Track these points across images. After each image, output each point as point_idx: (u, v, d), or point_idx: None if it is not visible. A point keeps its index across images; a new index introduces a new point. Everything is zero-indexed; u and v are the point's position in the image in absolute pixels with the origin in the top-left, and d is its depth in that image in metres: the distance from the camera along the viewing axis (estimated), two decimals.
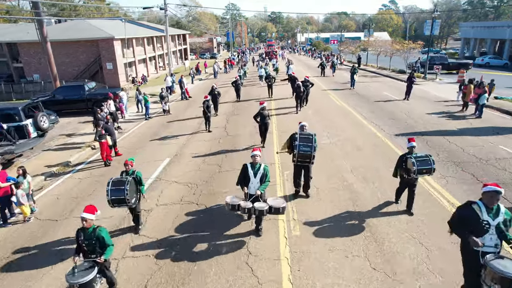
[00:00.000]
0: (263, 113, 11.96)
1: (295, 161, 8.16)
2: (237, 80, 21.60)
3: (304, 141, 8.01)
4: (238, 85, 21.61)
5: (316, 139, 8.17)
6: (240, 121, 16.67)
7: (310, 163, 8.08)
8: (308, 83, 17.89)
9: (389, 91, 23.33)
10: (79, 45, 33.06)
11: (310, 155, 7.95)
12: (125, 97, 20.35)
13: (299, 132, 8.34)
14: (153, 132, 15.96)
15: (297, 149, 7.96)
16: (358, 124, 14.99)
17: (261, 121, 12.11)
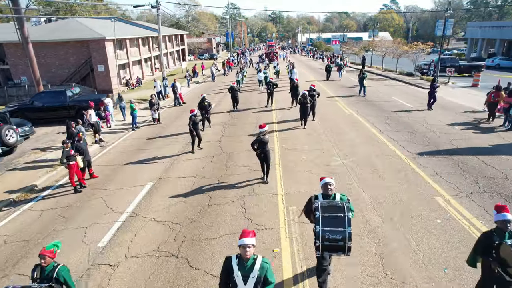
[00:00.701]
0: (263, 139, 9.21)
1: (319, 251, 4.54)
2: (234, 86, 19.22)
3: (330, 222, 4.45)
4: (235, 92, 19.08)
5: (351, 208, 5.03)
6: (236, 134, 14.61)
7: (345, 254, 4.53)
8: (314, 92, 15.49)
9: (399, 97, 21.26)
10: (69, 46, 31.02)
11: (344, 246, 4.43)
12: (111, 104, 18.33)
13: (321, 201, 4.87)
14: (138, 147, 13.91)
15: (319, 236, 4.43)
16: (372, 139, 12.92)
17: (260, 149, 9.25)
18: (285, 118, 16.63)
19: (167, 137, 15.00)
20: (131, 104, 16.79)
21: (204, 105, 15.03)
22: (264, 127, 9.35)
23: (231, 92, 19.06)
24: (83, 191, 10.05)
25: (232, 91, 19.02)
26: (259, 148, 9.24)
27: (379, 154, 11.28)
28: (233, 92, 19.05)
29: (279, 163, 10.85)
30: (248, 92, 25.39)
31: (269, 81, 19.85)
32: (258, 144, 9.19)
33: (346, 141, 12.80)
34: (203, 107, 15.02)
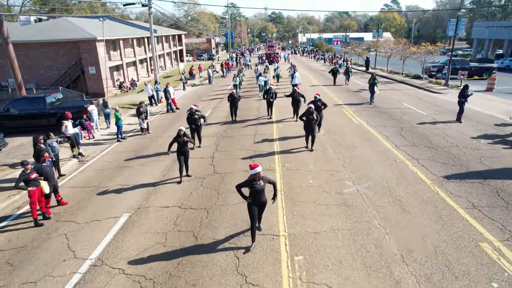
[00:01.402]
0: (256, 187, 6.31)
1: None
2: (234, 93, 16.54)
3: None
4: (235, 101, 16.40)
5: None
6: (232, 148, 12.79)
7: None
8: (319, 103, 13.13)
9: (410, 102, 19.43)
10: (59, 46, 29.20)
11: None
12: (95, 112, 16.52)
13: None
14: (120, 163, 12.12)
15: None
16: (388, 157, 11.11)
17: (252, 197, 6.40)
18: (288, 132, 14.28)
19: (154, 151, 13.19)
20: (116, 113, 14.98)
21: (194, 119, 12.56)
22: (256, 168, 6.25)
23: (230, 100, 16.47)
24: (45, 224, 8.28)
25: (232, 100, 16.41)
26: (251, 195, 6.42)
27: (399, 177, 9.48)
28: (233, 100, 16.42)
29: (281, 189, 9.05)
30: (246, 99, 22.80)
31: (269, 89, 16.82)
32: (250, 190, 6.40)
33: (358, 158, 10.99)
34: (193, 122, 12.63)
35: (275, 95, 16.92)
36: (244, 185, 6.45)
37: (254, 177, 6.27)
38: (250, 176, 6.35)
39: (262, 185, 6.35)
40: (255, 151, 12.16)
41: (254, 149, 12.37)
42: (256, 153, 12.04)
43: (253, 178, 6.30)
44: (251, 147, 12.66)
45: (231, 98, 16.41)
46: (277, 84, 27.67)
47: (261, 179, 6.35)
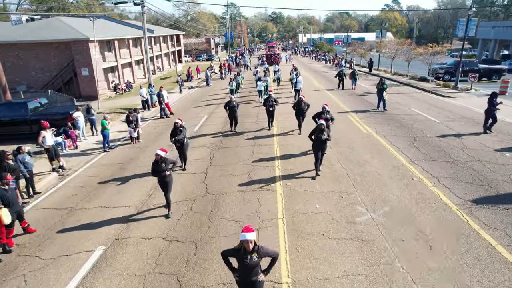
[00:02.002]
0: (246, 263, 4.26)
1: None
2: (232, 101, 14.48)
3: None
4: (233, 110, 14.43)
5: None
6: (228, 162, 11.45)
7: None
8: (328, 115, 11.07)
9: (419, 108, 18.09)
10: (50, 47, 27.90)
11: None
12: (81, 119, 15.21)
13: None
14: (103, 178, 10.80)
15: None
16: (403, 173, 9.78)
17: (240, 274, 4.44)
18: (291, 147, 12.35)
19: (142, 164, 11.87)
20: (103, 121, 13.63)
21: (178, 135, 10.50)
22: (247, 235, 4.14)
23: (227, 109, 14.52)
24: (4, 259, 6.97)
25: (230, 109, 14.46)
26: (239, 273, 4.45)
27: (419, 201, 8.15)
28: (231, 110, 14.48)
29: (283, 217, 7.73)
30: (244, 105, 20.70)
31: (269, 96, 14.48)
32: (238, 267, 4.43)
33: (370, 176, 9.66)
34: (178, 141, 10.55)
35: (276, 103, 14.66)
36: (231, 253, 4.40)
37: (245, 246, 4.18)
38: (240, 243, 4.27)
39: (255, 260, 4.24)
40: (253, 167, 10.84)
41: (252, 164, 11.05)
42: (254, 168, 10.72)
43: (243, 247, 4.22)
44: (249, 161, 11.33)
45: (229, 107, 14.38)
46: (277, 88, 25.94)
47: (255, 251, 4.22)
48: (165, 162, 8.02)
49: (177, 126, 10.56)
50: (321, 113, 11.11)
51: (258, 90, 21.71)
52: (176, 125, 10.59)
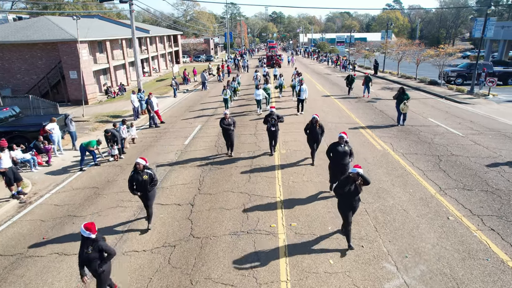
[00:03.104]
0: None
1: None
2: (226, 118, 11.41)
3: None
4: (227, 131, 11.37)
5: None
6: (220, 189, 9.51)
7: None
8: (347, 147, 8.10)
9: (436, 117, 16.15)
10: (36, 48, 25.99)
11: None
12: (56, 131, 13.27)
13: None
14: (70, 208, 8.88)
15: None
16: (436, 211, 7.84)
17: None
18: (299, 186, 9.12)
19: (119, 188, 9.95)
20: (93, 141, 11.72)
21: (140, 179, 7.24)
22: None
23: (222, 128, 11.45)
24: None
25: (224, 130, 11.45)
26: None
27: (465, 255, 6.20)
28: (225, 131, 11.40)
29: (287, 279, 5.80)
30: (241, 117, 17.57)
31: (270, 113, 11.24)
32: None
33: (394, 213, 7.72)
34: (140, 184, 7.30)
35: (280, 120, 11.36)
36: None
37: None
38: None
39: None
40: (250, 196, 8.91)
41: (249, 192, 9.13)
42: (251, 198, 8.80)
43: None
44: (246, 187, 9.41)
45: (223, 127, 11.43)
46: (279, 96, 22.65)
47: None
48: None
49: (139, 168, 7.20)
50: (338, 145, 8.03)
51: (256, 100, 18.14)
52: (137, 167, 7.20)
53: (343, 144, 8.04)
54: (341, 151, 7.98)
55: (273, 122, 11.15)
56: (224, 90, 18.58)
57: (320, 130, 10.17)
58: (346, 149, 8.01)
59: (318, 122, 10.13)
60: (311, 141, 10.42)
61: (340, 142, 8.05)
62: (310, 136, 10.30)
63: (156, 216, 8.20)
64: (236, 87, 22.30)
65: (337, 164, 8.08)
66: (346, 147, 8.05)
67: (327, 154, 8.30)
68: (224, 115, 11.59)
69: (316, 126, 10.10)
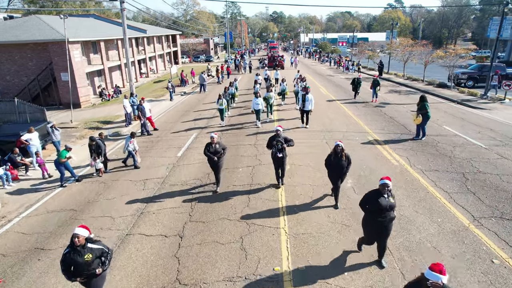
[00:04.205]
0: None
1: None
2: (213, 143, 8.86)
3: None
4: (213, 160, 8.85)
5: None
6: (215, 217, 8.15)
7: None
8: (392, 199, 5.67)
9: (452, 124, 14.76)
10: (26, 48, 24.63)
11: None
12: (35, 142, 11.92)
13: None
14: (39, 239, 7.53)
15: None
16: (474, 250, 6.46)
17: None
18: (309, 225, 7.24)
19: (102, 210, 8.59)
20: (63, 152, 10.31)
21: (80, 257, 4.62)
22: None
23: (208, 156, 8.91)
24: None
25: (209, 159, 8.92)
26: None
27: None
28: (211, 160, 8.88)
29: None
30: (236, 130, 15.04)
31: (276, 135, 8.86)
32: None
33: (422, 250, 6.32)
34: (77, 265, 4.64)
35: (289, 144, 8.93)
36: None
37: None
38: None
39: None
40: (249, 225, 7.55)
41: (247, 220, 7.76)
42: (250, 227, 7.44)
43: None
44: (243, 213, 8.05)
45: (207, 155, 8.91)
46: (282, 104, 20.21)
47: None
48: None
49: (77, 243, 4.59)
50: (379, 195, 5.55)
51: (255, 110, 15.59)
52: (75, 242, 4.58)
53: (387, 193, 5.54)
54: (385, 205, 5.43)
55: (279, 146, 8.68)
56: (220, 99, 15.76)
57: (347, 162, 7.71)
58: (392, 202, 5.54)
59: (344, 152, 7.68)
60: (334, 176, 7.87)
61: (382, 191, 5.51)
62: (334, 170, 7.80)
63: (138, 251, 6.86)
64: (234, 93, 19.81)
65: (378, 224, 5.57)
66: (391, 198, 5.57)
67: (362, 206, 5.78)
68: (211, 138, 8.91)
69: (341, 157, 7.63)
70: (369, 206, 5.63)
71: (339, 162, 7.62)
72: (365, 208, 5.75)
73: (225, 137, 14.19)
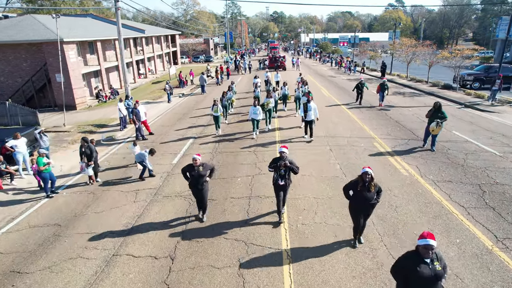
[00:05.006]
0: None
1: None
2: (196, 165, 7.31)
3: None
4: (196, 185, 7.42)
5: None
6: (208, 243, 7.44)
7: None
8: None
9: (462, 130, 14.01)
10: (21, 49, 23.94)
11: None
12: (21, 149, 11.21)
13: None
14: (15, 259, 6.80)
15: None
16: (502, 279, 5.76)
17: None
18: None
19: (88, 226, 7.86)
20: (39, 159, 9.58)
21: None
22: None
23: (186, 178, 7.54)
24: None
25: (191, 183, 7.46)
26: None
27: None
28: (193, 185, 7.46)
29: None
30: (230, 143, 13.35)
31: (280, 158, 7.13)
32: None
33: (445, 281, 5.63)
34: None
35: (294, 170, 7.11)
36: None
37: None
38: None
39: None
40: (248, 245, 6.82)
41: (246, 240, 7.03)
42: (248, 248, 6.71)
43: None
44: (242, 231, 7.32)
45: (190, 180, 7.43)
46: (284, 109, 18.48)
47: None
48: None
49: None
50: (420, 261, 3.95)
51: (252, 120, 13.64)
52: None
53: (430, 257, 3.91)
54: (428, 275, 3.84)
55: (282, 171, 7.05)
56: (215, 106, 13.96)
57: (375, 193, 5.95)
58: (438, 270, 3.88)
59: (372, 180, 5.85)
60: (358, 212, 6.12)
61: (424, 254, 3.89)
62: (358, 204, 6.03)
63: (125, 276, 6.15)
64: (232, 98, 17.77)
65: None
66: (438, 264, 3.92)
67: (395, 275, 4.20)
68: (194, 160, 7.27)
69: (370, 187, 5.85)
70: (408, 276, 3.95)
71: (366, 195, 5.88)
72: (399, 277, 4.12)
73: (219, 148, 13.32)
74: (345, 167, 10.41)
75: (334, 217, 7.64)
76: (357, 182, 5.94)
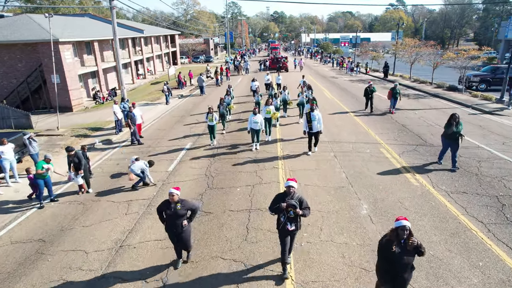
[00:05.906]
0: None
1: None
2: (171, 203, 5.68)
3: None
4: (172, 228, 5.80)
5: None
6: (208, 255, 6.79)
7: None
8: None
9: (472, 134, 13.28)
10: (16, 49, 23.33)
11: None
12: (8, 156, 10.56)
13: None
14: (4, 273, 6.19)
15: None
16: None
17: None
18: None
19: (73, 243, 7.22)
20: (40, 162, 8.95)
21: None
22: None
23: (162, 219, 5.99)
24: None
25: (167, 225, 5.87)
26: None
27: None
28: (169, 228, 5.86)
29: None
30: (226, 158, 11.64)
31: (286, 194, 5.51)
32: None
33: None
34: None
35: (304, 212, 5.50)
36: None
37: None
38: None
39: None
40: (247, 267, 6.17)
41: (245, 261, 6.38)
42: (248, 271, 6.06)
43: None
44: (240, 250, 6.66)
45: (162, 218, 5.97)
46: (285, 116, 16.86)
47: None
48: None
49: None
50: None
51: (252, 130, 11.99)
52: None
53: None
54: None
55: (291, 214, 5.40)
56: (209, 114, 12.43)
57: (413, 255, 4.28)
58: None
59: (411, 237, 4.19)
60: (390, 275, 4.35)
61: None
62: (392, 265, 4.27)
63: None
64: (230, 103, 16.35)
65: None
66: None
67: None
68: (170, 195, 5.69)
69: (406, 246, 4.20)
70: None
71: (402, 255, 4.19)
72: None
73: (212, 167, 12.53)
74: (351, 176, 9.74)
75: (342, 235, 6.98)
76: (390, 241, 4.24)
